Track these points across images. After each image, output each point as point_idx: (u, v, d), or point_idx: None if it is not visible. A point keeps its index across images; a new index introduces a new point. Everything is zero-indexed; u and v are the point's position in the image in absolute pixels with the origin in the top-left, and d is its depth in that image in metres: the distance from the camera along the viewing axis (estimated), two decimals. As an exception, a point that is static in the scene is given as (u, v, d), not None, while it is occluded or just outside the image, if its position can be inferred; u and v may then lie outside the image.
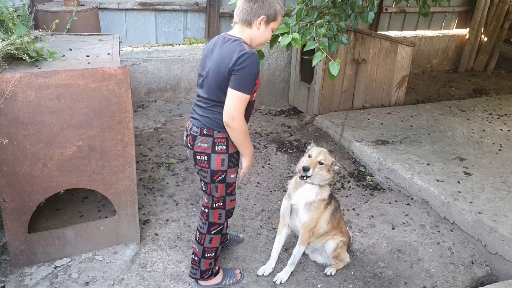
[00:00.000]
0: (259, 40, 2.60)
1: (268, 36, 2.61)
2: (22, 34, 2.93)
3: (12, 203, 2.83)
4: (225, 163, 2.66)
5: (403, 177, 4.34)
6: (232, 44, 2.49)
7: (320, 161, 2.93)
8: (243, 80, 2.43)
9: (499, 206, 3.78)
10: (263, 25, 2.54)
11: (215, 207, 2.82)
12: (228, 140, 2.64)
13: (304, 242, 3.10)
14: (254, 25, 2.53)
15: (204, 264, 2.96)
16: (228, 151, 2.65)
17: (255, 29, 2.54)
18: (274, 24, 2.59)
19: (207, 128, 2.61)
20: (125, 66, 2.81)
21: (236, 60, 2.41)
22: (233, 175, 2.75)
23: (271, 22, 2.56)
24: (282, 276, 3.16)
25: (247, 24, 2.54)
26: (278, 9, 2.55)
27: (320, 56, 3.47)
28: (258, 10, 2.50)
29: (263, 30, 2.56)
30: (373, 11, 3.96)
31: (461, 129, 5.52)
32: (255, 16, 2.51)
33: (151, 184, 4.25)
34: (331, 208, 3.09)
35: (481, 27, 8.35)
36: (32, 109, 2.65)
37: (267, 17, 2.52)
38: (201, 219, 2.91)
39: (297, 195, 3.04)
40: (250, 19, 2.52)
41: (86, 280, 3.03)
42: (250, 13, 2.51)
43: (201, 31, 6.19)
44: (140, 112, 5.48)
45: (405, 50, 6.15)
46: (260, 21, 2.52)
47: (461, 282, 3.30)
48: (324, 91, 5.74)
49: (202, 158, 2.66)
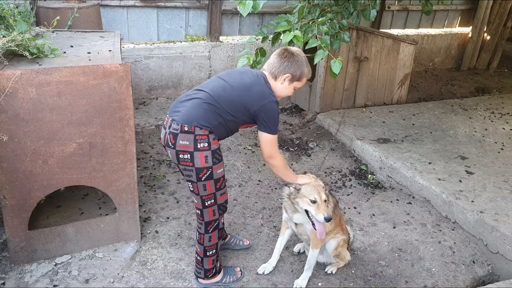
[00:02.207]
0: (280, 93, 2.79)
1: (289, 93, 2.82)
2: (23, 30, 2.93)
3: (13, 200, 2.83)
4: (209, 160, 2.65)
5: (404, 175, 4.33)
6: (266, 87, 2.70)
7: (325, 200, 2.82)
8: (274, 124, 2.69)
9: (501, 205, 3.76)
10: (287, 82, 2.75)
11: (207, 205, 2.80)
12: (209, 137, 2.64)
13: (316, 246, 3.06)
14: (279, 79, 2.74)
15: (208, 263, 2.96)
16: (210, 147, 2.65)
17: (279, 83, 2.75)
18: (297, 84, 2.80)
19: (188, 125, 2.59)
20: (126, 63, 2.80)
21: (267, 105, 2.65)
22: (219, 170, 2.74)
23: (295, 81, 2.77)
24: (301, 282, 3.11)
25: (274, 77, 2.75)
26: (305, 72, 2.76)
27: (322, 54, 3.47)
28: (286, 68, 2.71)
29: (286, 86, 2.77)
30: (375, 9, 3.95)
31: (463, 128, 5.51)
32: (282, 73, 2.72)
33: (152, 181, 4.24)
34: (331, 206, 3.03)
35: (484, 26, 8.32)
36: (32, 106, 2.65)
37: (292, 76, 2.73)
38: (197, 220, 2.90)
39: (297, 217, 2.97)
40: (277, 74, 2.73)
41: (86, 277, 3.03)
42: (278, 69, 2.72)
43: (203, 28, 6.17)
44: (142, 109, 5.47)
45: (408, 48, 6.13)
46: (285, 78, 2.73)
47: (462, 281, 3.29)
48: (326, 89, 5.72)
49: (185, 156, 2.64)
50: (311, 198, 2.76)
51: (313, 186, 2.80)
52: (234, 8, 5.98)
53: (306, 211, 2.80)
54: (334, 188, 4.40)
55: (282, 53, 2.76)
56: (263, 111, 2.63)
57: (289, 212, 3.00)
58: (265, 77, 2.75)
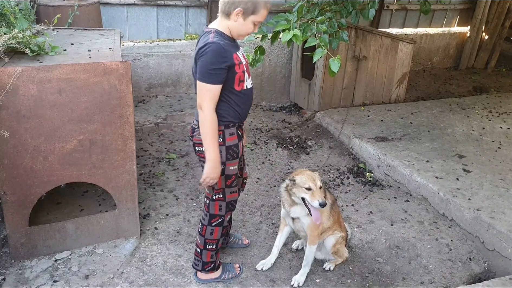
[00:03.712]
0: (238, 32, 2.58)
1: (248, 29, 2.57)
2: (24, 28, 2.95)
3: (13, 196, 2.85)
4: (222, 155, 2.67)
5: (402, 173, 4.36)
6: (203, 37, 2.54)
7: (320, 186, 2.85)
8: (202, 70, 2.46)
9: (498, 203, 3.79)
10: (241, 18, 2.51)
11: (215, 199, 2.84)
12: (224, 132, 2.65)
13: (313, 242, 3.08)
14: (232, 17, 2.52)
15: (206, 256, 2.98)
16: (225, 143, 2.67)
17: (233, 21, 2.53)
18: (254, 18, 2.53)
19: None
20: (126, 61, 2.82)
21: (198, 50, 2.48)
22: (232, 167, 2.75)
23: (250, 15, 2.51)
24: (299, 278, 3.14)
25: (226, 16, 2.54)
26: (258, 2, 2.50)
27: (321, 53, 3.48)
28: (236, 2, 2.47)
29: (241, 23, 2.53)
30: (374, 8, 3.97)
31: (461, 127, 5.53)
32: (232, 8, 2.49)
33: (151, 178, 4.26)
34: (329, 203, 3.06)
35: (482, 25, 8.34)
36: (33, 103, 2.67)
37: (244, 10, 2.49)
38: (204, 210, 2.94)
39: (294, 211, 3.01)
40: (228, 11, 2.51)
41: (86, 273, 3.05)
42: (228, 5, 2.50)
43: (203, 26, 6.19)
44: (141, 107, 5.49)
45: (406, 48, 6.15)
46: (236, 13, 2.49)
47: (458, 278, 3.32)
48: (324, 88, 5.75)
49: (200, 149, 2.70)
50: (306, 186, 2.81)
51: (308, 175, 2.85)
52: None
53: (303, 198, 2.84)
54: (332, 186, 4.43)
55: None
56: (198, 58, 2.48)
57: (286, 206, 3.03)
58: (206, 28, 2.60)
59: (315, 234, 3.05)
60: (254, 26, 2.57)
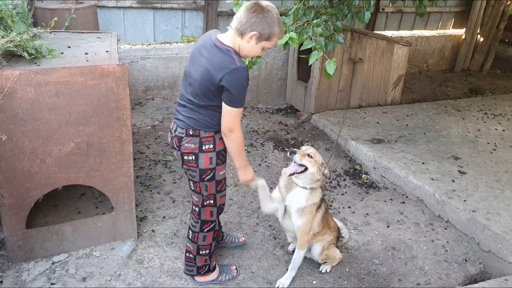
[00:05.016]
0: (246, 53, 2.55)
1: (256, 52, 2.56)
2: (21, 31, 2.95)
3: (11, 199, 2.86)
4: (213, 161, 2.68)
5: (398, 175, 4.38)
6: (224, 56, 2.47)
7: (308, 154, 2.90)
8: (237, 96, 2.47)
9: (493, 204, 3.82)
10: (254, 41, 2.48)
11: (206, 205, 2.84)
12: (215, 138, 2.65)
13: (303, 246, 3.10)
14: (245, 37, 2.47)
15: (200, 261, 2.99)
16: (215, 149, 2.68)
17: (245, 41, 2.48)
18: (266, 43, 2.52)
19: (193, 129, 2.62)
20: (123, 64, 2.83)
21: (228, 76, 2.42)
22: (221, 171, 2.77)
23: (263, 41, 2.50)
24: (284, 282, 3.13)
25: (240, 34, 2.47)
26: (275, 31, 2.48)
27: (317, 55, 3.51)
28: (254, 25, 2.42)
29: (252, 45, 2.50)
30: (369, 11, 3.99)
31: (456, 129, 5.57)
32: (249, 30, 2.44)
33: (148, 181, 4.27)
34: (322, 211, 3.09)
35: (477, 28, 8.39)
36: (31, 106, 2.68)
37: (259, 35, 2.45)
38: (193, 218, 2.92)
39: (289, 198, 3.02)
40: (244, 31, 2.45)
41: (83, 276, 3.06)
42: (245, 25, 2.44)
43: (199, 29, 6.21)
44: (138, 110, 5.50)
45: (402, 50, 6.19)
46: (252, 36, 2.45)
47: (454, 279, 3.34)
48: (320, 90, 5.77)
49: (190, 158, 2.67)
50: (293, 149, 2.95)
51: (308, 146, 3.04)
52: (230, 10, 6.02)
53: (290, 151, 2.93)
54: (329, 188, 4.45)
55: (251, 7, 2.44)
56: (226, 81, 2.42)
57: (283, 190, 3.05)
58: (220, 43, 2.51)
59: (305, 240, 3.07)
60: (262, 50, 2.58)
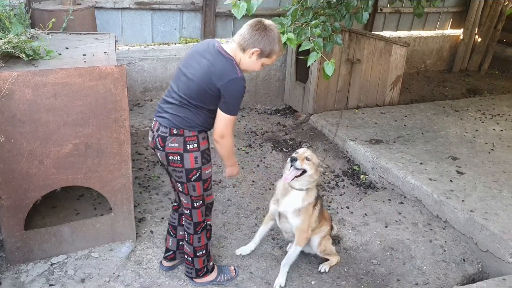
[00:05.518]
0: (246, 67, 2.64)
1: (256, 68, 2.66)
2: (19, 32, 2.95)
3: (9, 201, 2.85)
4: (198, 161, 2.68)
5: (396, 176, 4.39)
6: (227, 63, 2.54)
7: (307, 157, 2.99)
8: (233, 104, 2.57)
9: (491, 204, 3.83)
10: (255, 57, 2.58)
11: (196, 206, 2.83)
12: (198, 137, 2.67)
13: (301, 243, 3.13)
14: (247, 53, 2.57)
15: (198, 263, 2.99)
16: (200, 148, 2.68)
17: (247, 56, 2.58)
18: (266, 60, 2.63)
19: (177, 128, 2.62)
20: (121, 65, 2.83)
21: (228, 84, 2.51)
22: (207, 171, 2.77)
23: (264, 57, 2.60)
24: (280, 281, 3.16)
25: (242, 49, 2.57)
26: (275, 49, 2.59)
27: (315, 56, 3.51)
28: (256, 42, 2.53)
29: (253, 61, 2.61)
30: (367, 12, 4.00)
31: (454, 129, 5.58)
32: (251, 46, 2.54)
33: (147, 182, 4.27)
34: (318, 208, 3.17)
35: (475, 28, 8.41)
36: (29, 107, 2.68)
37: (261, 51, 2.56)
38: (186, 220, 2.92)
39: (285, 202, 3.09)
40: (246, 47, 2.55)
41: (82, 277, 3.06)
42: (248, 41, 2.54)
43: (197, 30, 6.21)
44: (136, 111, 5.50)
45: (400, 50, 6.20)
46: (253, 52, 2.55)
47: (452, 279, 3.35)
48: (319, 91, 5.78)
49: (175, 158, 2.66)
50: (296, 151, 3.08)
51: (303, 149, 3.15)
52: (228, 11, 6.01)
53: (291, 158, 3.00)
54: (327, 188, 4.45)
55: (255, 25, 2.56)
56: (225, 89, 2.51)
57: (279, 196, 3.13)
58: (223, 51, 2.59)
59: (304, 237, 3.12)
60: (261, 66, 2.68)
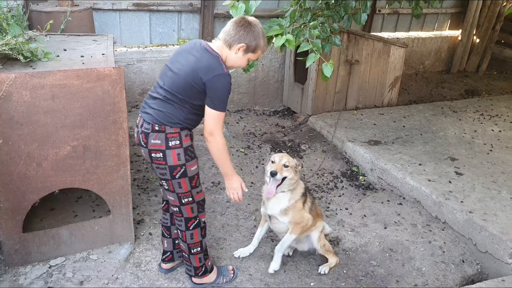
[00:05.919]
0: (233, 64, 2.71)
1: (242, 64, 2.74)
2: (17, 34, 2.94)
3: (7, 203, 2.84)
4: (181, 157, 2.68)
5: (395, 177, 4.38)
6: (213, 60, 2.59)
7: (285, 164, 3.02)
8: (221, 100, 2.59)
9: (490, 205, 3.83)
10: (241, 52, 2.66)
11: (184, 202, 2.82)
12: (181, 134, 2.67)
13: (295, 232, 3.17)
14: (233, 49, 2.64)
15: (194, 261, 2.99)
16: (182, 145, 2.68)
17: (233, 52, 2.65)
18: (252, 55, 2.71)
19: (159, 124, 2.64)
20: (120, 67, 2.83)
21: (214, 79, 2.55)
22: (193, 167, 2.76)
23: (250, 52, 2.68)
24: (274, 266, 3.25)
25: (228, 46, 2.64)
26: (260, 44, 2.67)
27: (314, 58, 3.51)
28: (242, 37, 2.61)
29: (240, 57, 2.68)
30: (366, 13, 4.01)
31: (453, 130, 5.58)
32: (237, 42, 2.62)
33: (145, 184, 4.26)
34: (309, 203, 3.23)
35: (473, 29, 8.42)
36: (26, 109, 2.67)
37: (246, 47, 2.64)
38: (176, 218, 2.92)
39: (271, 204, 3.15)
40: (232, 43, 2.63)
41: (80, 279, 3.05)
42: (233, 37, 2.62)
43: (195, 31, 6.21)
44: (134, 113, 5.49)
45: (398, 51, 6.20)
46: (239, 47, 2.63)
47: (451, 280, 3.35)
48: (317, 92, 5.78)
49: (157, 155, 2.68)
50: (272, 159, 3.07)
51: (278, 154, 3.12)
52: (227, 12, 6.02)
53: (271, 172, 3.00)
54: (326, 190, 4.45)
55: (239, 21, 2.64)
56: (211, 84, 2.55)
57: (265, 199, 3.19)
58: (210, 48, 2.64)
59: (299, 227, 3.17)
60: (247, 62, 2.75)
